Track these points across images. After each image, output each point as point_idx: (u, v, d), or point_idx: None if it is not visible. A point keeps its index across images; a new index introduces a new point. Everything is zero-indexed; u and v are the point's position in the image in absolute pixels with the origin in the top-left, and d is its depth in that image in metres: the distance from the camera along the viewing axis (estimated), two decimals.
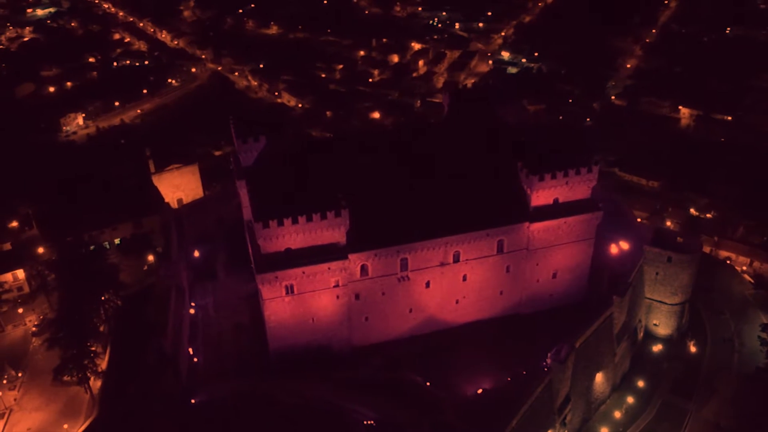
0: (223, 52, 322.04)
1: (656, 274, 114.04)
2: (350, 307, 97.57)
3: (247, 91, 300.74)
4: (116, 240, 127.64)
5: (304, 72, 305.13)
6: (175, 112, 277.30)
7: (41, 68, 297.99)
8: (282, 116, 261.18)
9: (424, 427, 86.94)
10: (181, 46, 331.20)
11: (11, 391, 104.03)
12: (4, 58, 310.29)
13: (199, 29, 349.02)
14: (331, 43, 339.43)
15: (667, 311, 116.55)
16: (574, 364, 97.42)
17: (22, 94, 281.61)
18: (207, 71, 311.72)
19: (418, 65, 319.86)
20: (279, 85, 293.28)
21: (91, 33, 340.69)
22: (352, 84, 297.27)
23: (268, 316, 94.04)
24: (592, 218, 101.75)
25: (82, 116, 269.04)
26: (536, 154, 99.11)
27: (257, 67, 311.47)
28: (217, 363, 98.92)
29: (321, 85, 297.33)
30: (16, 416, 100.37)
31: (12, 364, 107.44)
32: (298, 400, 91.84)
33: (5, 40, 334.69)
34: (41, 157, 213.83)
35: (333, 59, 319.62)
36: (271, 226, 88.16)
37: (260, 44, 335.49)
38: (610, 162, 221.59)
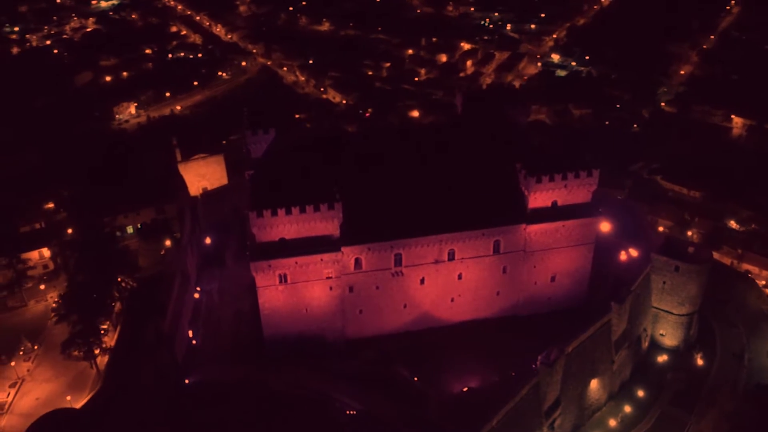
0: (274, 47, 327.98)
1: (663, 284, 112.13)
2: (344, 299, 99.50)
3: (295, 86, 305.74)
4: (138, 224, 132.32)
5: (352, 69, 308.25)
6: (223, 104, 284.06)
7: (100, 58, 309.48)
8: (322, 111, 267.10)
9: (403, 420, 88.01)
10: (234, 40, 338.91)
11: (26, 362, 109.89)
12: (67, 47, 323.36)
13: (253, 24, 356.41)
14: (380, 41, 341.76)
15: (673, 322, 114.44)
16: (565, 368, 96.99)
17: (81, 83, 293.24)
18: (257, 65, 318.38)
19: (466, 65, 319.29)
20: (326, 81, 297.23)
21: (150, 25, 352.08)
22: (397, 82, 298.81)
23: (262, 303, 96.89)
24: (592, 223, 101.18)
25: (134, 105, 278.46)
26: (536, 156, 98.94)
27: (306, 62, 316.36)
28: (214, 346, 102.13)
29: (367, 82, 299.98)
30: (27, 386, 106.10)
31: (30, 337, 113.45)
32: (287, 387, 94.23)
33: (69, 30, 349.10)
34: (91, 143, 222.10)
35: (381, 57, 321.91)
36: (264, 215, 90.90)
37: (311, 40, 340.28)
38: (654, 170, 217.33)
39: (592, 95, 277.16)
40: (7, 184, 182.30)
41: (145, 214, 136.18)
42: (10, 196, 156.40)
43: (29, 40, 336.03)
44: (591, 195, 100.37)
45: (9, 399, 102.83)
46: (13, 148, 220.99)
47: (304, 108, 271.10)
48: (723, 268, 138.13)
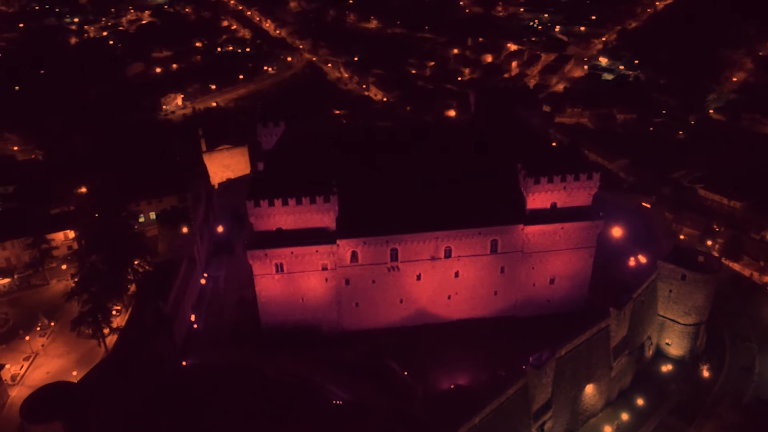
0: (321, 44, 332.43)
1: (670, 292, 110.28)
2: (340, 291, 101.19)
3: (338, 82, 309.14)
4: (158, 211, 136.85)
5: (396, 67, 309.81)
6: (267, 98, 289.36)
7: (152, 50, 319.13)
8: (361, 108, 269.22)
9: (387, 413, 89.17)
10: (283, 36, 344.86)
11: (41, 337, 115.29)
12: (122, 39, 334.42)
13: (301, 20, 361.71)
14: (426, 40, 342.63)
15: (680, 331, 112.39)
16: (556, 371, 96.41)
17: (132, 74, 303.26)
18: (303, 61, 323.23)
19: (511, 66, 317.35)
20: (369, 79, 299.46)
21: (202, 19, 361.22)
22: (440, 81, 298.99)
23: (259, 291, 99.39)
24: (592, 226, 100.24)
25: (181, 97, 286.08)
26: (537, 157, 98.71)
27: (351, 59, 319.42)
28: (215, 331, 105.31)
29: (409, 80, 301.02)
30: (40, 360, 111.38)
31: (47, 315, 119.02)
32: (279, 373, 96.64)
33: (125, 22, 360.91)
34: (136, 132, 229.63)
35: (426, 56, 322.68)
36: (262, 205, 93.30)
37: (358, 38, 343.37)
38: (696, 178, 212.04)
39: (638, 100, 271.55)
40: (54, 168, 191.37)
41: (167, 201, 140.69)
42: (55, 180, 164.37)
43: (87, 31, 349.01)
44: (592, 198, 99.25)
45: (22, 371, 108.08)
46: (62, 135, 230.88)
47: (345, 104, 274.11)
48: (742, 279, 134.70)
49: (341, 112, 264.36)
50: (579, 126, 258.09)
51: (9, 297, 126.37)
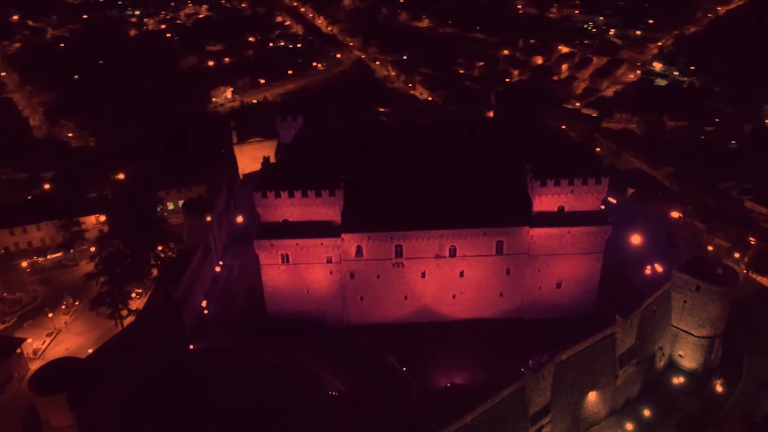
0: (371, 41, 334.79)
1: (684, 302, 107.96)
2: (345, 284, 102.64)
3: (385, 80, 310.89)
4: (185, 199, 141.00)
5: (444, 67, 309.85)
6: (314, 93, 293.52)
7: (206, 43, 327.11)
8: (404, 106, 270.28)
9: (379, 407, 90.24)
10: (334, 33, 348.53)
11: (65, 315, 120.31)
12: (178, 32, 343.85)
13: (354, 17, 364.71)
14: (477, 40, 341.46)
15: (693, 343, 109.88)
16: (556, 376, 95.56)
17: (185, 66, 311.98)
18: (352, 58, 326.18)
19: (561, 69, 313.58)
20: (415, 78, 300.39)
21: (257, 14, 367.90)
22: (487, 82, 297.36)
23: (265, 281, 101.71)
24: (600, 232, 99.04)
25: (230, 90, 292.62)
26: (545, 159, 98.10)
27: (400, 58, 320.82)
28: (224, 318, 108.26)
29: (456, 80, 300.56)
30: (62, 336, 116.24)
31: (72, 294, 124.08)
32: (280, 362, 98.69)
33: (183, 15, 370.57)
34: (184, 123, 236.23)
35: (475, 56, 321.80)
36: (268, 196, 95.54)
37: (408, 36, 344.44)
38: (745, 189, 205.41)
39: (690, 107, 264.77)
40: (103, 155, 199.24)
41: (196, 191, 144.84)
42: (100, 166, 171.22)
43: (146, 23, 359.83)
44: (600, 203, 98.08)
45: (43, 346, 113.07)
46: (114, 124, 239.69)
47: (390, 102, 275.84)
48: None
49: (385, 110, 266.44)
50: (626, 132, 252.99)
51: (41, 276, 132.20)
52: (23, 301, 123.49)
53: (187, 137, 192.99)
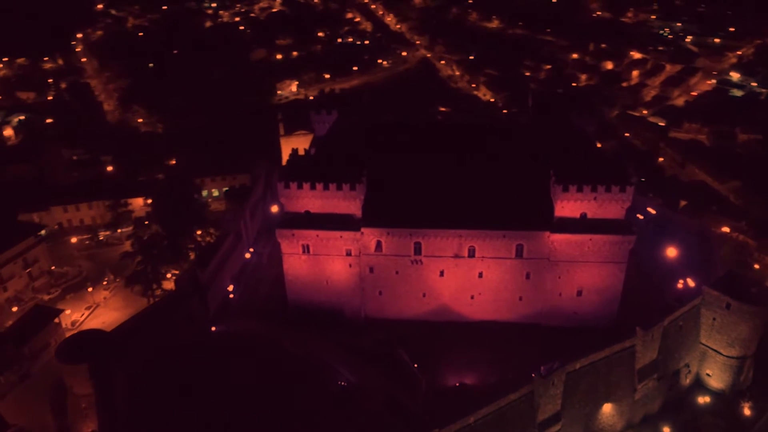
0: (438, 40, 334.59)
1: (713, 320, 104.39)
2: (364, 278, 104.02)
3: (449, 80, 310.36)
4: (227, 187, 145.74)
5: (510, 68, 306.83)
6: (377, 90, 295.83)
7: (277, 37, 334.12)
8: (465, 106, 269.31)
9: (383, 400, 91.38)
10: (402, 31, 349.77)
11: (105, 291, 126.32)
12: (251, 24, 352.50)
13: (423, 16, 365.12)
14: (546, 42, 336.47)
15: (722, 363, 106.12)
16: (568, 384, 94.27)
17: (255, 58, 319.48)
18: (417, 57, 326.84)
19: (631, 75, 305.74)
20: (479, 78, 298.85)
21: (329, 10, 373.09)
22: (553, 86, 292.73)
23: (287, 269, 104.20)
24: (623, 241, 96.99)
25: (296, 84, 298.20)
26: (572, 164, 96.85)
27: (466, 58, 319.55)
28: (248, 303, 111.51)
29: (521, 83, 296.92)
30: (99, 311, 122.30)
31: (114, 271, 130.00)
32: (296, 349, 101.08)
33: (258, 9, 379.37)
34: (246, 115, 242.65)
35: (543, 59, 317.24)
36: (291, 187, 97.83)
37: (476, 36, 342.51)
38: None
39: (766, 120, 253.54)
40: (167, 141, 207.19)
41: (240, 179, 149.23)
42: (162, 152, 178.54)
43: (221, 16, 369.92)
44: (624, 212, 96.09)
45: (81, 318, 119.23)
46: (183, 112, 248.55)
47: (451, 102, 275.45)
48: None
49: (445, 110, 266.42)
50: (694, 143, 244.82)
51: (88, 252, 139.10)
52: (69, 275, 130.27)
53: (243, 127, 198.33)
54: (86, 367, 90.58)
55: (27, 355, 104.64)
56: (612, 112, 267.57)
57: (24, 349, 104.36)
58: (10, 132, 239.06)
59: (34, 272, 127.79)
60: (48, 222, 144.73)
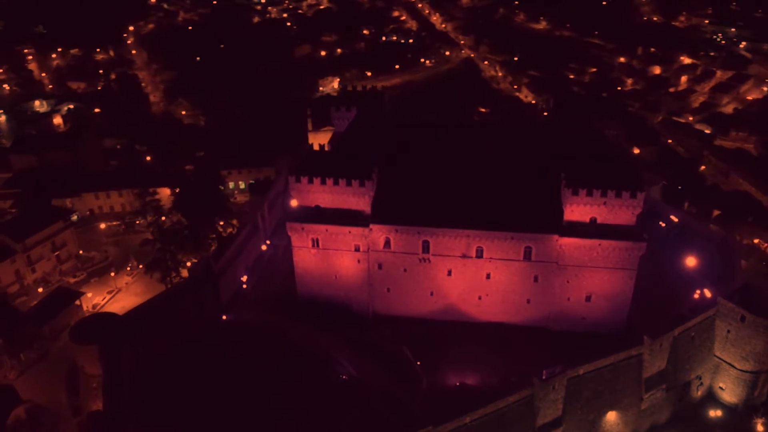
0: (484, 41, 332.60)
1: (728, 332, 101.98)
2: (372, 274, 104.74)
3: (491, 81, 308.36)
4: (253, 180, 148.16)
5: (554, 71, 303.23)
6: (418, 89, 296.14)
7: (322, 34, 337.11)
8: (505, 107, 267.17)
9: (381, 395, 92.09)
10: (447, 30, 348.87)
11: (128, 276, 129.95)
12: (298, 21, 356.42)
13: (469, 16, 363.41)
14: (593, 45, 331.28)
15: (735, 377, 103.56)
16: (570, 390, 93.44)
17: (299, 54, 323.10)
18: (461, 57, 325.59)
19: (680, 81, 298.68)
20: (522, 80, 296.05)
21: (375, 8, 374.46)
22: (597, 89, 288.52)
23: (296, 262, 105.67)
24: (633, 248, 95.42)
25: (337, 80, 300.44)
26: (584, 168, 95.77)
27: (510, 59, 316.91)
28: (260, 294, 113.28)
29: (564, 85, 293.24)
30: (121, 295, 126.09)
31: (138, 258, 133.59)
32: (301, 341, 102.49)
33: (305, 6, 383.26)
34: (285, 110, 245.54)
35: (588, 62, 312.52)
36: (302, 181, 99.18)
37: (522, 37, 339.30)
38: None
39: None
40: (207, 133, 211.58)
41: (266, 172, 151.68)
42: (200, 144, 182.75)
43: (269, 12, 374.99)
44: (636, 218, 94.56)
45: (102, 302, 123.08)
46: (225, 105, 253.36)
47: (491, 103, 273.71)
48: None
49: (485, 110, 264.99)
50: (740, 152, 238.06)
51: (115, 238, 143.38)
52: (95, 260, 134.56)
53: (279, 122, 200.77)
54: (96, 349, 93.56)
55: (47, 335, 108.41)
56: (656, 118, 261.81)
57: (44, 329, 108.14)
58: (59, 120, 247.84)
59: (62, 255, 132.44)
60: (80, 208, 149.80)
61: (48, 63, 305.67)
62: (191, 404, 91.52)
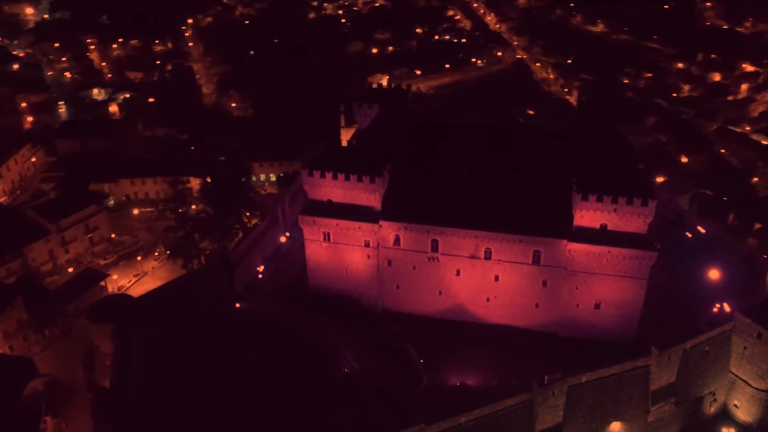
0: (538, 42, 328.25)
1: (744, 349, 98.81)
2: (382, 270, 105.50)
3: (542, 83, 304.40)
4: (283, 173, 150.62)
5: (607, 74, 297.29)
6: (467, 89, 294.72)
7: (375, 31, 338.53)
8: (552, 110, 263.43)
9: (375, 389, 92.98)
10: (501, 30, 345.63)
11: (154, 261, 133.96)
12: (352, 18, 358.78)
13: (524, 16, 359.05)
14: (651, 49, 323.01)
15: (751, 395, 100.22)
16: (572, 398, 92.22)
17: (351, 51, 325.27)
18: (513, 57, 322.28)
19: (739, 89, 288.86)
20: (574, 83, 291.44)
21: (429, 7, 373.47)
22: (651, 95, 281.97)
23: (308, 255, 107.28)
24: (643, 257, 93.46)
25: (386, 78, 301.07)
26: (597, 174, 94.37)
27: (563, 61, 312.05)
28: (275, 284, 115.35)
29: (617, 90, 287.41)
30: (146, 279, 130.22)
31: (167, 244, 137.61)
32: (310, 333, 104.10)
33: (361, 3, 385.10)
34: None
35: (644, 67, 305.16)
36: (314, 175, 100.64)
37: (578, 40, 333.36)
38: None
39: None
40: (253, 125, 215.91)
41: (296, 166, 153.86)
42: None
43: (325, 8, 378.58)
44: (647, 226, 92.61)
45: (128, 285, 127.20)
46: (274, 99, 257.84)
47: (540, 105, 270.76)
48: None
49: (533, 113, 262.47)
50: None
51: (147, 224, 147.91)
52: (126, 244, 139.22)
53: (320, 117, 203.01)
54: (109, 328, 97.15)
55: (71, 313, 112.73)
56: (711, 126, 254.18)
57: (69, 307, 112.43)
58: (114, 108, 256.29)
59: (95, 238, 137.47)
60: (117, 193, 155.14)
61: (108, 53, 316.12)
62: (196, 387, 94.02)
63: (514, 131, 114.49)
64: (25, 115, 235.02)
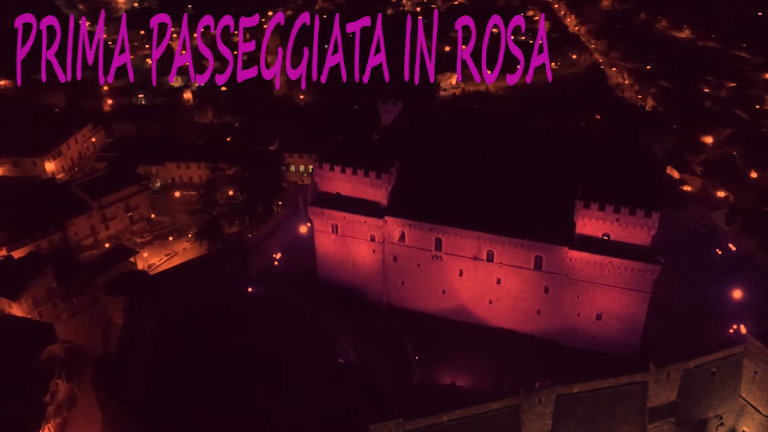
0: (617, 46, 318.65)
1: (755, 373, 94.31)
2: (387, 266, 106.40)
3: (616, 88, 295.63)
4: None
5: (687, 82, 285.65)
6: (536, 90, 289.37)
7: (450, 30, 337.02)
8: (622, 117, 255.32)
9: (365, 380, 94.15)
10: (580, 33, 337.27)
11: (186, 243, 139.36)
12: (428, 15, 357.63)
13: (606, 19, 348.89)
14: (738, 58, 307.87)
15: (760, 422, 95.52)
16: (562, 407, 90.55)
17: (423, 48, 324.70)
18: (589, 61, 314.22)
19: None
20: (650, 89, 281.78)
21: (510, 5, 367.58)
22: (732, 106, 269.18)
23: (317, 246, 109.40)
24: (645, 269, 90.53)
25: (455, 76, 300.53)
26: (605, 182, 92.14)
27: (642, 67, 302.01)
28: (289, 273, 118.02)
29: (696, 99, 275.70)
30: (176, 259, 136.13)
31: (198, 226, 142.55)
32: (313, 321, 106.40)
33: (440, 1, 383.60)
34: None
35: (729, 76, 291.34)
36: (324, 167, 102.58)
37: (660, 45, 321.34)
38: None
39: None
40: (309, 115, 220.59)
41: None
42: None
43: (404, 4, 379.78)
44: (651, 238, 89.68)
45: (158, 263, 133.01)
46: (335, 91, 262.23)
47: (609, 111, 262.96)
48: None
49: (600, 118, 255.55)
50: None
51: (187, 207, 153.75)
52: (164, 224, 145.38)
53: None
54: (121, 300, 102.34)
55: (99, 286, 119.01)
56: None
57: (98, 280, 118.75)
58: (189, 95, 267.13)
59: (134, 217, 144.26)
60: (163, 176, 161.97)
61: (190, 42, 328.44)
62: (198, 364, 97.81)
63: (539, 134, 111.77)
64: (106, 98, 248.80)
